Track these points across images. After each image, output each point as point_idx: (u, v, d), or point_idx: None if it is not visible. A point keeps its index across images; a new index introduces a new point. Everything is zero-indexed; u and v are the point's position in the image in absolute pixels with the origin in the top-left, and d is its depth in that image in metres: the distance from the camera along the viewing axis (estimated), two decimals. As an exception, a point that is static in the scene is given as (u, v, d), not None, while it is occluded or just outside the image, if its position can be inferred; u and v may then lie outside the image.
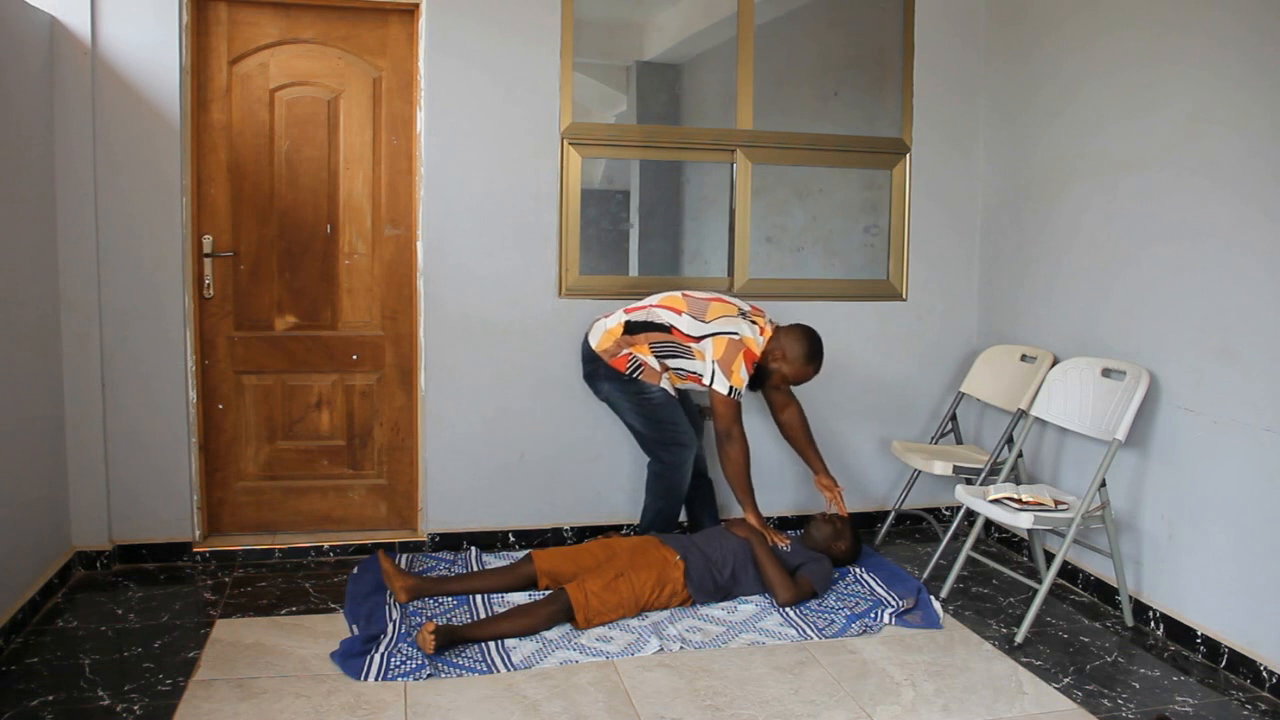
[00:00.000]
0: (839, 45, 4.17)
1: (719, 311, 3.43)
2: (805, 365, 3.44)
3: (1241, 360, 2.83)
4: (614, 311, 3.54)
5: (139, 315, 3.41)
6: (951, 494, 3.96)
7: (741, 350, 3.36)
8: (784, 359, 3.43)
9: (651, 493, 3.58)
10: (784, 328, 3.49)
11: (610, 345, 3.45)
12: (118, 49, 3.31)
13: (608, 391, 3.52)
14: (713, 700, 2.61)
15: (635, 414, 3.50)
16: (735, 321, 3.40)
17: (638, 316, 3.45)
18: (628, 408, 3.50)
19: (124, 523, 3.46)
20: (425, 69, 3.56)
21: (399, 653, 2.78)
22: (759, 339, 3.41)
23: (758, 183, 3.97)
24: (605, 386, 3.51)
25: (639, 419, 3.50)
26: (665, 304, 3.46)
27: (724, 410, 3.38)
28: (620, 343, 3.44)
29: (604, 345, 3.46)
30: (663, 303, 3.47)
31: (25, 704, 2.48)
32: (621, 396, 3.49)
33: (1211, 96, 2.93)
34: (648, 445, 3.55)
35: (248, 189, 3.59)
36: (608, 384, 3.49)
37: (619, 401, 3.52)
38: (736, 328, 3.39)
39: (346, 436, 3.77)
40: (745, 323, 3.42)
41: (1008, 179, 3.97)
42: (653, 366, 3.45)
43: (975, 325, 4.18)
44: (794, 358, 3.43)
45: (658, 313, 3.44)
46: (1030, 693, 2.71)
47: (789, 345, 3.43)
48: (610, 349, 3.45)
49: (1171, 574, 3.09)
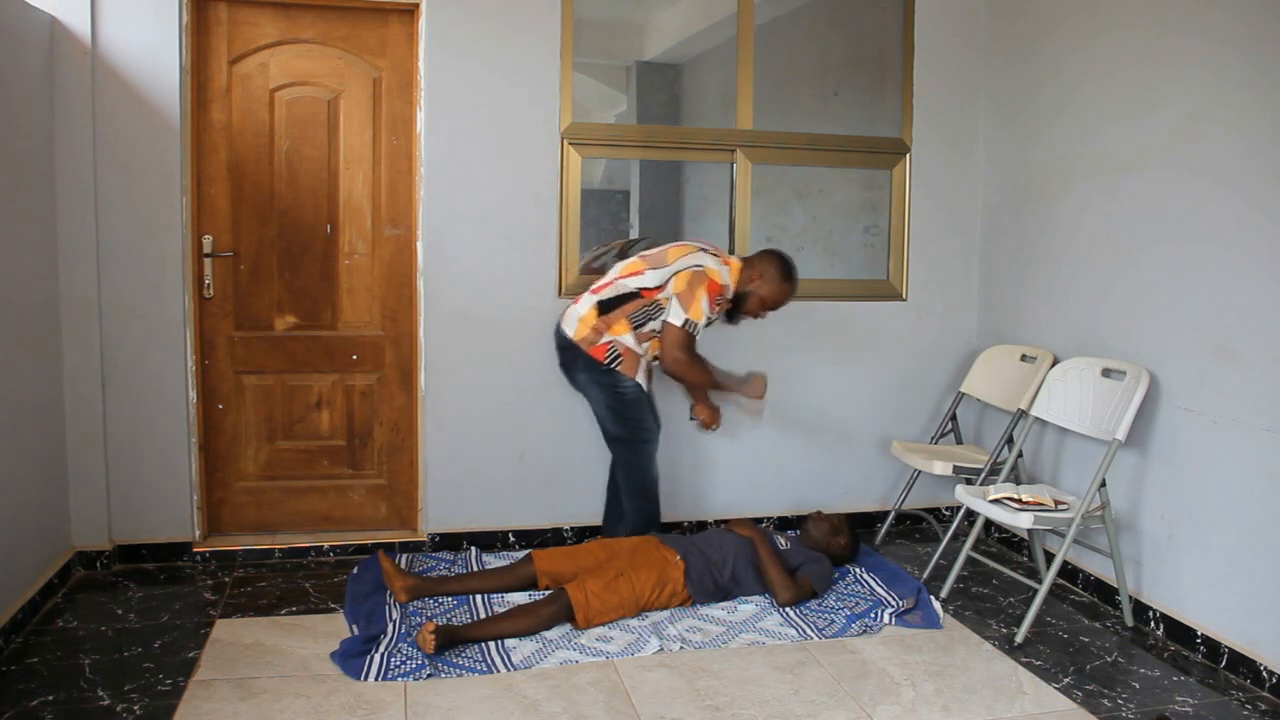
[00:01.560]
0: (839, 45, 4.17)
1: (678, 253, 3.39)
2: (784, 283, 3.42)
3: (1241, 360, 2.83)
4: (581, 295, 3.47)
5: (139, 315, 3.41)
6: (951, 494, 3.96)
7: (704, 282, 3.30)
8: (761, 279, 3.40)
9: (628, 495, 3.52)
10: (755, 254, 3.49)
11: (588, 333, 3.37)
12: (118, 49, 3.31)
13: (583, 382, 3.46)
14: (713, 700, 2.61)
15: (606, 406, 3.44)
16: (696, 256, 3.36)
17: (606, 294, 3.38)
18: (599, 399, 3.44)
19: (124, 523, 3.46)
20: (425, 69, 3.56)
21: (399, 653, 2.78)
22: (723, 269, 3.36)
23: (758, 183, 3.97)
24: (581, 377, 3.45)
25: (608, 412, 3.44)
26: (627, 271, 3.40)
27: (673, 338, 3.31)
28: (597, 328, 3.36)
29: (581, 334, 3.38)
30: (624, 272, 3.41)
31: (25, 704, 2.48)
32: (595, 387, 3.43)
33: (1211, 96, 2.93)
34: (612, 439, 3.50)
35: (248, 189, 3.59)
36: (584, 374, 3.43)
37: (592, 392, 3.46)
38: (698, 260, 3.34)
39: (346, 436, 3.77)
40: (706, 255, 3.38)
41: (1008, 179, 3.97)
42: (632, 349, 3.36)
43: (975, 325, 4.18)
44: (771, 276, 3.41)
45: (623, 283, 3.37)
46: (1030, 693, 2.71)
47: (764, 266, 3.42)
48: (588, 337, 3.37)
49: (1171, 574, 3.09)
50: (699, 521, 3.95)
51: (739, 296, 3.42)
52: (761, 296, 3.42)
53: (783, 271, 3.42)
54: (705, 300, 3.29)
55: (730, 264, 3.40)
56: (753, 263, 3.44)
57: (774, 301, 3.45)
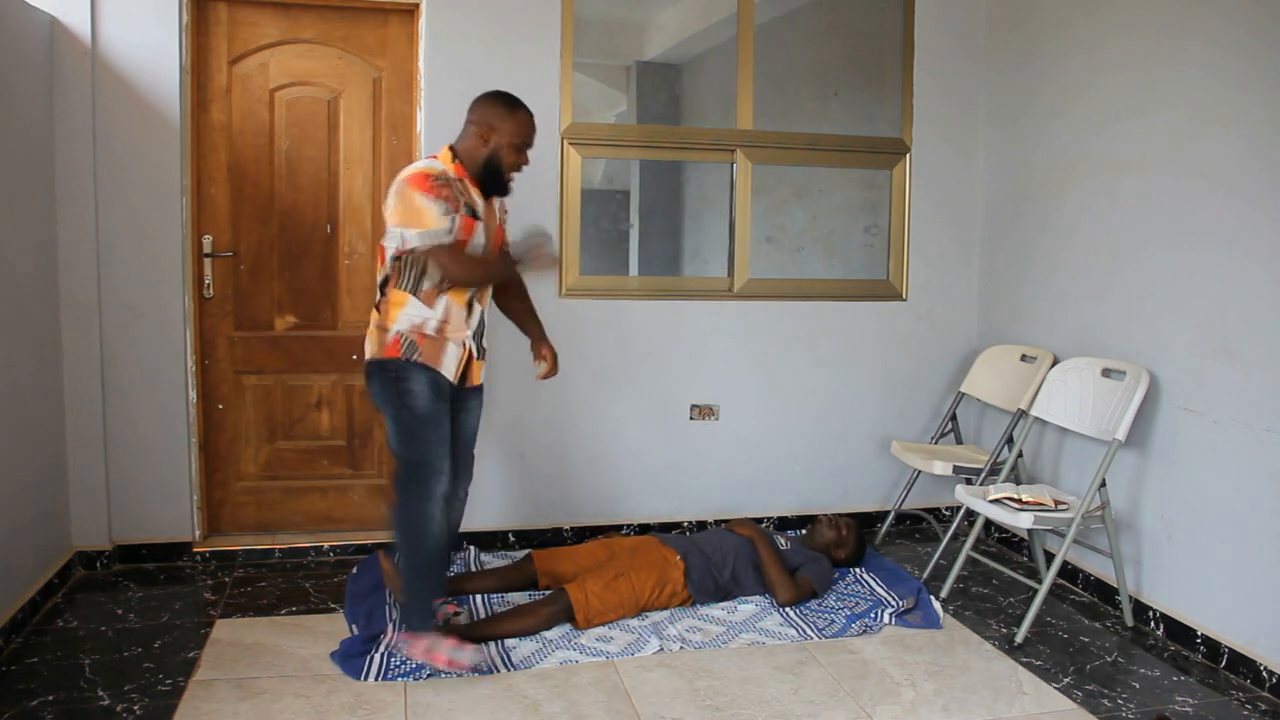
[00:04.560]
0: (839, 45, 4.17)
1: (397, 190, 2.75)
2: (515, 111, 2.84)
3: (1241, 360, 2.83)
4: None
5: (139, 315, 3.41)
6: (951, 494, 3.96)
7: (403, 190, 2.70)
8: (492, 128, 2.80)
9: (399, 532, 2.81)
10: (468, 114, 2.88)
11: (378, 340, 2.81)
12: (118, 49, 3.31)
13: (376, 392, 2.86)
14: (713, 700, 2.61)
15: (391, 419, 2.82)
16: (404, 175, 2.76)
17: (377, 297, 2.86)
18: (388, 411, 2.82)
19: (124, 523, 3.46)
20: (425, 69, 3.56)
21: (399, 652, 2.78)
22: (427, 162, 2.81)
23: (758, 183, 3.97)
24: (374, 386, 2.85)
25: (392, 425, 2.82)
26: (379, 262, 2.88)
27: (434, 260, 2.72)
28: (380, 325, 2.81)
29: (374, 344, 2.83)
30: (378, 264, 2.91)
31: (25, 704, 2.48)
32: (385, 395, 2.81)
33: (1211, 98, 2.94)
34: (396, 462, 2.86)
35: (248, 189, 3.59)
36: (376, 382, 2.83)
37: (382, 402, 2.84)
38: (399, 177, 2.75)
39: (346, 436, 3.77)
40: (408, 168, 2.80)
41: (1008, 179, 3.97)
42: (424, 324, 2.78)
43: (975, 325, 4.18)
44: (500, 116, 2.81)
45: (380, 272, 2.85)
46: (1030, 693, 2.71)
47: (485, 115, 2.82)
48: (379, 342, 2.81)
49: (1171, 574, 3.09)
50: (699, 521, 3.95)
51: (490, 162, 2.81)
52: (509, 144, 2.82)
53: (506, 103, 2.84)
54: (421, 199, 2.68)
55: (440, 157, 2.83)
56: (469, 125, 2.85)
57: (521, 139, 2.83)
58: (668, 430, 3.89)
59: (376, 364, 2.83)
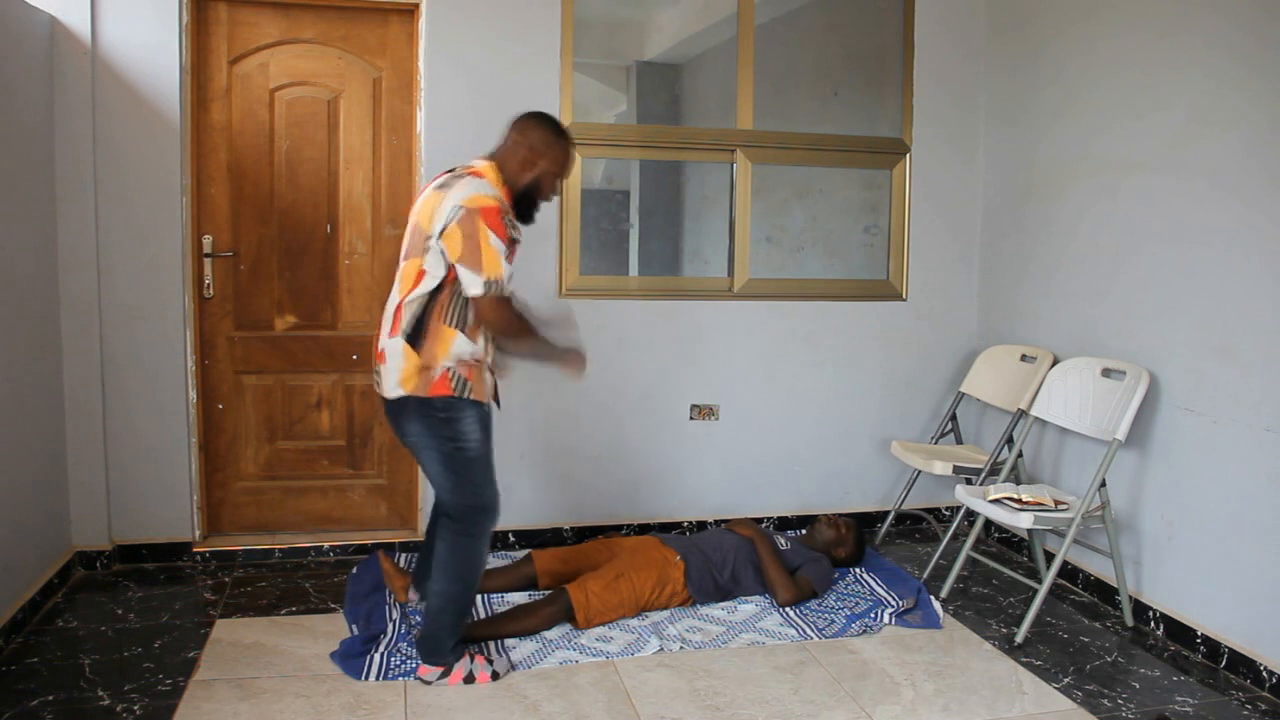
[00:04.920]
0: (839, 45, 4.17)
1: (427, 212, 2.56)
2: (562, 144, 2.69)
3: (1241, 360, 2.83)
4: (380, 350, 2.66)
5: (139, 315, 3.41)
6: (951, 494, 3.96)
7: (477, 220, 2.47)
8: (541, 155, 2.65)
9: (445, 573, 2.66)
10: (509, 135, 2.69)
11: (418, 379, 2.58)
12: (118, 49, 3.31)
13: (416, 431, 2.63)
14: (713, 700, 2.61)
15: (440, 461, 2.63)
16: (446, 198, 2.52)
17: (406, 324, 2.58)
18: (435, 453, 2.62)
19: (124, 523, 3.46)
20: (425, 69, 3.56)
21: (399, 652, 2.78)
22: (482, 185, 2.55)
23: (758, 183, 3.97)
24: (412, 425, 2.63)
25: (440, 466, 2.64)
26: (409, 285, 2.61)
27: (487, 312, 2.53)
28: (425, 365, 2.57)
29: (412, 384, 2.58)
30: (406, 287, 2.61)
31: (25, 704, 2.48)
32: (430, 436, 2.61)
33: (1210, 99, 2.94)
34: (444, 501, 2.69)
35: (248, 189, 3.59)
36: (417, 421, 2.61)
37: (426, 443, 2.63)
38: (453, 202, 2.50)
39: (346, 436, 3.77)
40: (455, 189, 2.53)
41: (1008, 179, 3.97)
42: (470, 358, 2.60)
43: (975, 325, 4.18)
44: (549, 143, 2.66)
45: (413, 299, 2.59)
46: (1030, 693, 2.71)
47: (534, 138, 2.65)
48: (421, 381, 2.58)
49: (1171, 574, 3.09)
50: (699, 521, 3.95)
51: (530, 190, 2.68)
52: (552, 174, 2.69)
53: (555, 131, 2.68)
54: (494, 239, 2.48)
55: (483, 173, 2.61)
56: (516, 147, 2.66)
57: (564, 170, 2.73)
58: (668, 430, 3.89)
59: (418, 402, 2.58)
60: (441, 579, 2.67)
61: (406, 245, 2.66)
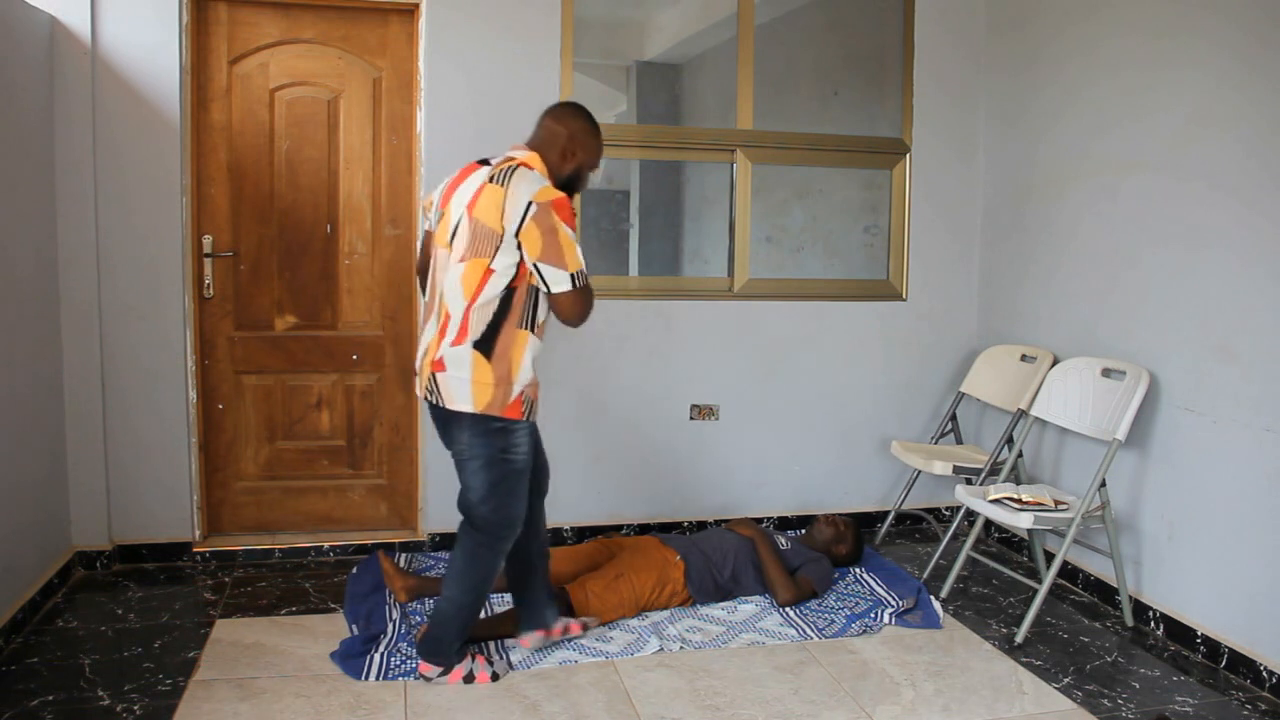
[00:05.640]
0: (839, 45, 4.17)
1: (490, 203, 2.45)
2: (598, 136, 2.66)
3: (1241, 360, 2.83)
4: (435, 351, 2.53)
5: (139, 315, 3.41)
6: (951, 494, 3.96)
7: (551, 214, 2.42)
8: (583, 147, 2.62)
9: (461, 582, 2.63)
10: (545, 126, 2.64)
11: (494, 395, 2.49)
12: (118, 49, 3.31)
13: (468, 442, 2.57)
14: (713, 700, 2.61)
15: (483, 473, 2.57)
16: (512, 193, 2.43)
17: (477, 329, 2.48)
18: (483, 466, 2.56)
19: (124, 523, 3.46)
20: (425, 69, 3.56)
21: (399, 652, 2.78)
22: (541, 177, 2.51)
23: (758, 183, 3.97)
24: (464, 435, 2.56)
25: (482, 479, 2.58)
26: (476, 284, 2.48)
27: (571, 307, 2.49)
28: (501, 379, 2.49)
29: (485, 400, 2.49)
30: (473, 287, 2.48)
31: (25, 704, 2.48)
32: (482, 448, 2.55)
33: (1209, 100, 2.94)
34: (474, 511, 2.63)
35: (248, 189, 3.59)
36: (470, 433, 2.55)
37: (474, 454, 2.57)
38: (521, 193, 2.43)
39: (346, 436, 3.77)
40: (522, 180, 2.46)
41: (1008, 179, 3.97)
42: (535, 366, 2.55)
43: (975, 325, 4.18)
44: (589, 134, 2.63)
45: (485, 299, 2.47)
46: (1030, 693, 2.71)
47: (575, 126, 2.62)
48: (496, 398, 2.50)
49: (1171, 574, 3.09)
50: (699, 521, 3.95)
51: (567, 182, 2.62)
52: (589, 165, 2.67)
53: (590, 122, 2.65)
54: (569, 232, 2.44)
55: (531, 164, 2.55)
56: (554, 137, 2.60)
57: (598, 161, 2.69)
58: (668, 430, 3.89)
59: (481, 418, 2.51)
60: (455, 587, 2.64)
61: (464, 247, 2.48)
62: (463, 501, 2.65)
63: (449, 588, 2.65)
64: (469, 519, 2.65)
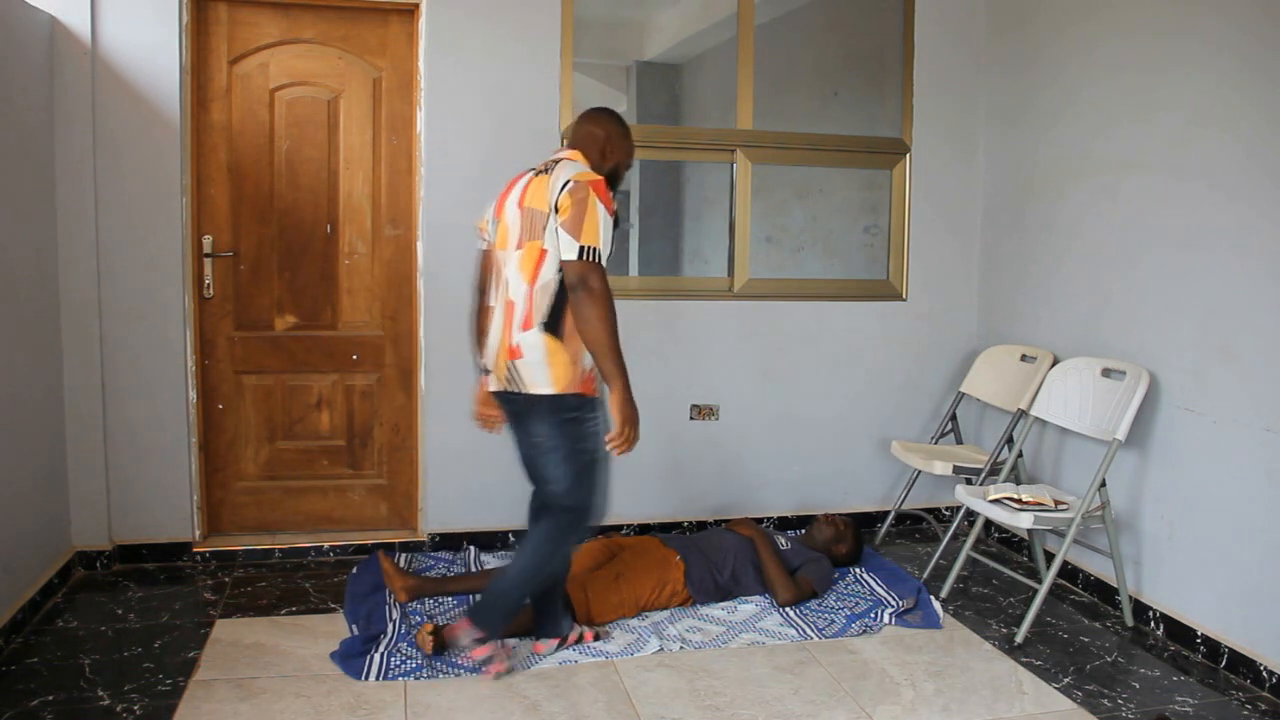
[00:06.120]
0: (839, 45, 4.17)
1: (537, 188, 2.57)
2: (629, 138, 2.76)
3: (1241, 360, 2.83)
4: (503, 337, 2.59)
5: (139, 315, 3.41)
6: (951, 494, 3.96)
7: (589, 188, 2.49)
8: (616, 146, 2.71)
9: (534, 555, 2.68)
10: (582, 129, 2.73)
11: (572, 373, 2.55)
12: (118, 49, 3.31)
13: (544, 433, 2.60)
14: (713, 700, 2.61)
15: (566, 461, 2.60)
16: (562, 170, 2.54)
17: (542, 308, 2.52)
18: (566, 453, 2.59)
19: (124, 523, 3.46)
20: (425, 69, 3.56)
21: (399, 653, 2.78)
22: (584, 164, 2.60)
23: (758, 183, 3.97)
24: (541, 426, 2.60)
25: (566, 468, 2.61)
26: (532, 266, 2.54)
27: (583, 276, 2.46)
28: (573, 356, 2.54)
29: (564, 379, 2.54)
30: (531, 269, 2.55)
31: (25, 704, 2.48)
32: (563, 436, 2.58)
33: (1210, 99, 2.94)
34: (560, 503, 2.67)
35: (248, 189, 3.59)
36: (547, 422, 2.58)
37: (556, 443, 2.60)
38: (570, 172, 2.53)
39: (346, 436, 3.77)
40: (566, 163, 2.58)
41: (1008, 179, 3.97)
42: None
43: (975, 325, 4.18)
44: (622, 135, 2.73)
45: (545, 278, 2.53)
46: (1030, 693, 2.71)
47: (608, 128, 2.71)
48: (574, 375, 2.55)
49: (1171, 574, 3.09)
50: (699, 521, 3.95)
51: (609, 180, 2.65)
52: (624, 165, 2.75)
53: (622, 124, 2.74)
54: (603, 211, 2.48)
55: (577, 158, 2.64)
56: (591, 138, 2.69)
57: (631, 161, 2.79)
58: (668, 430, 3.89)
59: (557, 400, 2.53)
60: (524, 559, 2.68)
61: (519, 233, 2.59)
62: (544, 491, 2.74)
63: (519, 559, 2.70)
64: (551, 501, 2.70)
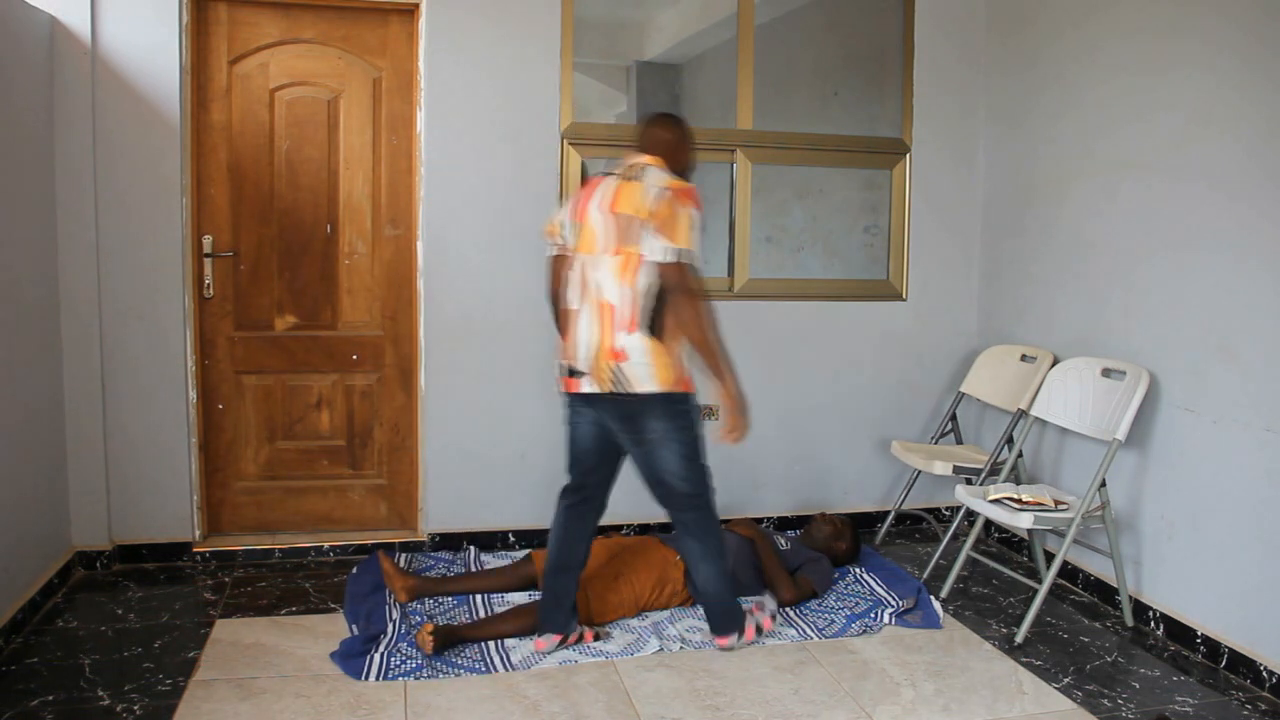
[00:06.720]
0: (839, 45, 4.16)
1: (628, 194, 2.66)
2: (690, 135, 2.88)
3: (1241, 360, 2.83)
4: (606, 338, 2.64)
5: (139, 315, 3.41)
6: (951, 494, 3.96)
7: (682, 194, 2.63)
8: (685, 149, 2.83)
9: (707, 559, 2.81)
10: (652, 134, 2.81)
11: (676, 369, 2.65)
12: (118, 49, 3.31)
13: (655, 429, 2.66)
14: (713, 700, 2.61)
15: (679, 454, 2.70)
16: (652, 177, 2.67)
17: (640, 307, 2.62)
18: (679, 447, 2.69)
19: (124, 523, 3.46)
20: (425, 69, 3.56)
21: (399, 653, 2.78)
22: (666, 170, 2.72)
23: (758, 183, 3.97)
24: (653, 423, 2.66)
25: (679, 460, 2.70)
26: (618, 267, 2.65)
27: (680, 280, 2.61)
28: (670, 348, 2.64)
29: (668, 377, 2.63)
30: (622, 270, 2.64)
31: (25, 704, 2.48)
32: (674, 430, 2.68)
33: (1210, 99, 2.94)
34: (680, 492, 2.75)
35: (248, 189, 3.59)
36: (658, 418, 2.65)
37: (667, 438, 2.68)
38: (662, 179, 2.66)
39: (346, 436, 3.77)
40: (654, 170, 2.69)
41: (1008, 179, 3.97)
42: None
43: (975, 325, 4.18)
44: (688, 138, 2.85)
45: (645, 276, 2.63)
46: (1030, 693, 2.71)
47: (678, 131, 2.81)
48: (676, 377, 2.64)
49: (1171, 574, 3.09)
50: (699, 521, 3.94)
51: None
52: (693, 165, 2.90)
53: (688, 131, 2.86)
54: (695, 215, 2.63)
55: (657, 164, 2.75)
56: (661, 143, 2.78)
57: (695, 163, 2.92)
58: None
59: (664, 398, 2.62)
60: (705, 565, 2.83)
61: (614, 241, 2.65)
62: (661, 492, 2.78)
63: (701, 569, 2.84)
64: (674, 503, 2.78)
